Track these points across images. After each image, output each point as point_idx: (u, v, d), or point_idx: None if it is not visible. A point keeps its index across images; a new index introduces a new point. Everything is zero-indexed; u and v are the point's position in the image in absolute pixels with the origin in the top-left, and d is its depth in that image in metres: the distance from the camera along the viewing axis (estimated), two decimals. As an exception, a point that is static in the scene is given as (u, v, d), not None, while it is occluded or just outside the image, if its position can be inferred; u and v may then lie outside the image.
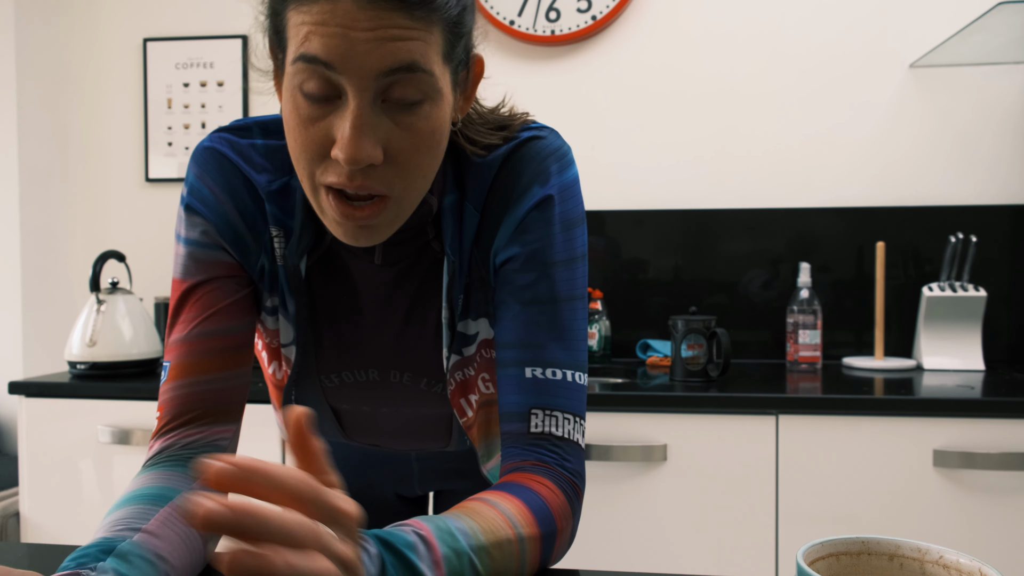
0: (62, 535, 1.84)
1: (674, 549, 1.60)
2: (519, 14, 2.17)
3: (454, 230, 0.74)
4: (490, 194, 0.74)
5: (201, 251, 0.74)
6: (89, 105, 2.42)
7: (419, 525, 0.58)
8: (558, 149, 0.75)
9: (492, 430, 0.90)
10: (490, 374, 0.84)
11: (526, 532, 0.65)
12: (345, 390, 0.85)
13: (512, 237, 0.74)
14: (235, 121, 0.78)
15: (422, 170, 0.65)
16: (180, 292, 0.74)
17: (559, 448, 0.71)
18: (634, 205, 2.16)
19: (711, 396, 1.59)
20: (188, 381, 0.72)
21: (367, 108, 0.60)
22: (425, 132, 0.64)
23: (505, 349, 0.74)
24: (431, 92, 0.63)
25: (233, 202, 0.74)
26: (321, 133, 0.62)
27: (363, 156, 0.60)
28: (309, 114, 0.62)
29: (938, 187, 2.06)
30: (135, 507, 0.63)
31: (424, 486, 1.04)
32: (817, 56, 2.09)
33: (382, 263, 0.77)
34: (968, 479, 1.51)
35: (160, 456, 0.70)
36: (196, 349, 0.72)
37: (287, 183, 0.75)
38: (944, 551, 0.50)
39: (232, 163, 0.75)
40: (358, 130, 0.60)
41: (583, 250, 0.76)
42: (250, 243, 0.75)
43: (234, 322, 0.74)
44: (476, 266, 0.77)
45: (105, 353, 1.88)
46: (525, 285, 0.73)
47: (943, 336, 1.91)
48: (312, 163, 0.64)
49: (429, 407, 0.85)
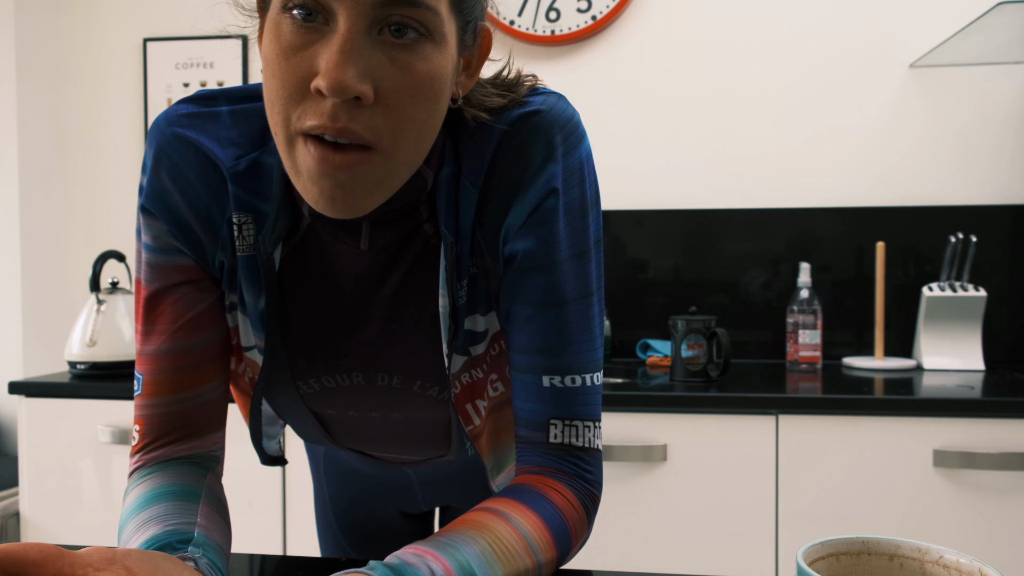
0: (62, 535, 1.84)
1: (674, 549, 1.60)
2: (519, 14, 2.17)
3: (448, 207, 0.65)
4: (492, 170, 0.65)
5: (157, 256, 0.68)
6: (89, 105, 2.42)
7: (433, 557, 0.55)
8: (570, 120, 0.66)
9: (502, 439, 0.83)
10: (499, 374, 0.76)
11: (544, 557, 0.62)
12: (326, 395, 0.75)
13: (525, 226, 0.66)
14: (200, 91, 0.69)
15: (416, 123, 0.56)
16: (144, 297, 0.69)
17: (579, 459, 0.68)
18: (634, 205, 2.16)
19: (711, 396, 1.59)
20: (164, 400, 0.69)
21: (359, 35, 0.53)
22: (423, 75, 0.55)
23: (520, 353, 0.68)
24: (433, 32, 0.55)
25: (185, 197, 0.66)
26: (304, 64, 0.54)
27: (349, 82, 0.52)
28: (292, 41, 0.54)
29: (938, 187, 2.06)
30: (171, 503, 0.63)
31: (428, 501, 0.98)
32: (817, 56, 2.09)
33: (368, 248, 0.67)
34: (968, 479, 1.51)
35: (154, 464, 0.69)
36: (167, 367, 0.68)
37: (256, 160, 0.66)
38: (944, 551, 0.49)
39: (189, 143, 0.66)
40: (346, 55, 0.52)
41: (598, 235, 0.69)
42: (205, 241, 0.68)
43: (204, 334, 0.69)
44: (480, 253, 0.68)
45: (105, 353, 1.88)
46: (538, 285, 0.66)
47: (943, 336, 1.91)
48: (289, 103, 0.55)
49: (424, 412, 0.76)
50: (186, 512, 0.62)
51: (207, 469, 0.71)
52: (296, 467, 1.75)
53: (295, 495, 1.76)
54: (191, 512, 0.63)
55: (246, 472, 1.75)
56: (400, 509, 1.00)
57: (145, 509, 0.63)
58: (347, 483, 1.00)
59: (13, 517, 1.97)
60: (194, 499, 0.65)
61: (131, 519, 0.63)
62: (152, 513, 0.62)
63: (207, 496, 0.67)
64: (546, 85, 0.69)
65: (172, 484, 0.66)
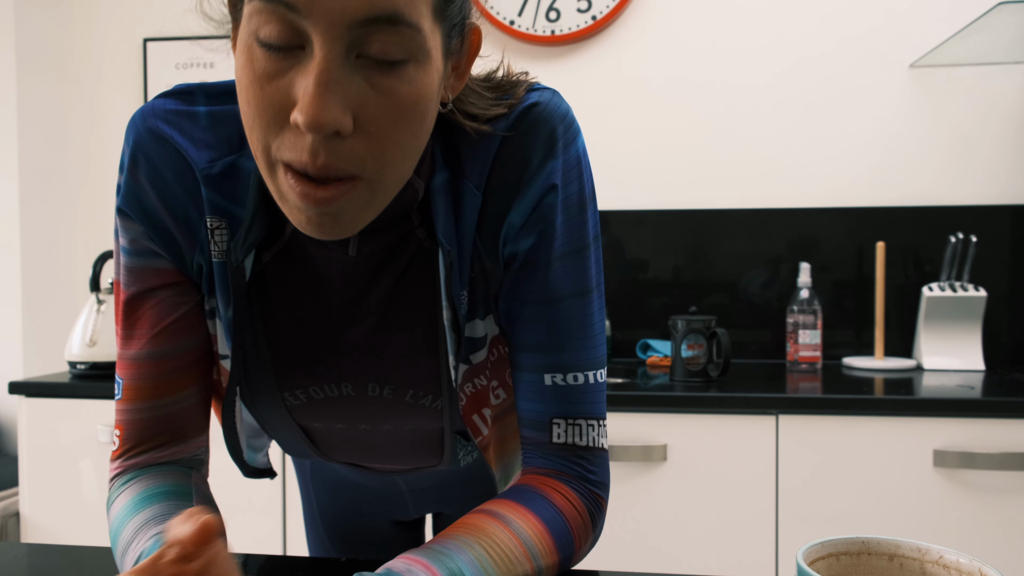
0: (62, 535, 1.84)
1: (674, 549, 1.60)
2: (519, 14, 2.17)
3: (447, 214, 0.63)
4: (493, 171, 0.63)
5: (134, 260, 0.67)
6: (89, 105, 2.42)
7: (424, 568, 0.53)
8: (566, 114, 0.65)
9: (508, 448, 0.82)
10: (500, 381, 0.75)
11: (545, 563, 0.61)
12: (314, 407, 0.72)
13: (526, 225, 0.65)
14: (178, 85, 0.66)
15: (401, 147, 0.54)
16: (123, 300, 0.68)
17: (583, 459, 0.67)
18: (634, 205, 2.16)
19: (711, 396, 1.59)
20: (144, 405, 0.67)
21: (336, 63, 0.50)
22: (407, 99, 0.52)
23: (521, 352, 0.68)
24: (417, 52, 0.52)
25: (161, 197, 0.64)
26: (280, 93, 0.51)
27: (328, 119, 0.49)
28: (266, 68, 0.51)
29: (938, 187, 2.06)
30: (165, 504, 0.63)
31: (419, 508, 0.96)
32: (818, 56, 2.09)
33: (357, 255, 0.65)
34: (968, 479, 1.51)
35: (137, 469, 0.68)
36: (148, 372, 0.67)
37: (233, 163, 0.63)
38: (944, 551, 0.49)
39: (166, 141, 0.63)
40: (323, 87, 0.49)
41: (596, 230, 0.68)
42: (183, 243, 0.66)
43: (184, 339, 0.68)
44: (479, 256, 0.66)
45: (105, 353, 1.88)
46: (537, 283, 0.66)
47: (943, 336, 1.91)
48: (267, 132, 0.52)
49: (415, 422, 0.73)
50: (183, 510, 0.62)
51: (192, 468, 0.71)
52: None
53: (295, 495, 1.76)
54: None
55: (246, 472, 1.75)
56: (391, 517, 0.98)
57: (140, 511, 0.62)
58: (335, 492, 0.98)
59: (13, 517, 1.97)
60: (186, 498, 0.64)
61: (127, 522, 0.62)
62: (150, 513, 0.61)
63: (196, 494, 0.66)
64: (540, 81, 0.68)
65: (162, 485, 0.65)
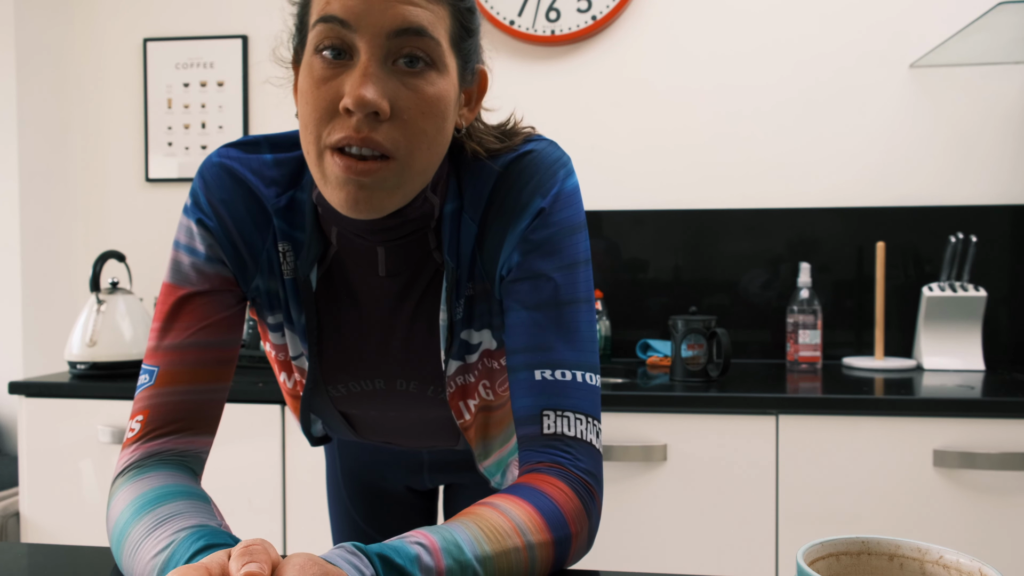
0: (62, 535, 1.84)
1: (674, 549, 1.60)
2: (519, 14, 2.17)
3: (452, 238, 0.77)
4: (488, 206, 0.76)
5: (205, 264, 0.76)
6: (89, 105, 2.42)
7: (424, 536, 0.59)
8: (558, 159, 0.77)
9: (489, 433, 0.93)
10: (490, 381, 0.87)
11: (536, 539, 0.64)
12: (352, 398, 0.88)
13: (515, 250, 0.75)
14: (244, 137, 0.80)
15: (427, 136, 0.68)
16: (175, 299, 0.75)
17: (572, 448, 0.71)
18: (634, 205, 2.16)
19: (711, 396, 1.59)
20: (177, 389, 0.73)
21: (376, 63, 0.65)
22: (431, 96, 0.67)
23: (515, 354, 0.75)
24: (437, 61, 0.67)
25: (234, 221, 0.77)
26: (332, 91, 0.66)
27: (370, 99, 0.63)
28: (323, 74, 0.66)
29: (938, 187, 2.06)
30: (187, 502, 0.64)
31: (434, 480, 1.10)
32: (818, 56, 2.09)
33: (386, 275, 0.78)
34: (968, 479, 1.51)
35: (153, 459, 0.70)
36: (188, 359, 0.73)
37: (293, 196, 0.78)
38: (944, 551, 0.49)
39: (239, 179, 0.77)
40: (367, 78, 0.64)
41: (586, 255, 0.77)
42: (248, 262, 0.78)
43: (226, 336, 0.76)
44: (480, 279, 0.78)
45: (105, 353, 1.88)
46: (529, 291, 0.75)
47: (943, 336, 1.91)
48: (320, 124, 0.66)
49: (436, 411, 0.88)
50: (205, 512, 0.64)
51: (196, 473, 0.74)
52: (296, 469, 1.75)
53: (295, 496, 1.76)
54: (209, 512, 0.64)
55: (246, 472, 1.75)
56: (406, 483, 1.11)
57: (159, 505, 0.63)
58: (361, 457, 1.10)
59: (13, 517, 1.97)
60: (204, 499, 0.67)
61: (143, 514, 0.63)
62: (175, 508, 0.63)
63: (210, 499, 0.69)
64: (542, 135, 0.79)
65: (179, 484, 0.67)
